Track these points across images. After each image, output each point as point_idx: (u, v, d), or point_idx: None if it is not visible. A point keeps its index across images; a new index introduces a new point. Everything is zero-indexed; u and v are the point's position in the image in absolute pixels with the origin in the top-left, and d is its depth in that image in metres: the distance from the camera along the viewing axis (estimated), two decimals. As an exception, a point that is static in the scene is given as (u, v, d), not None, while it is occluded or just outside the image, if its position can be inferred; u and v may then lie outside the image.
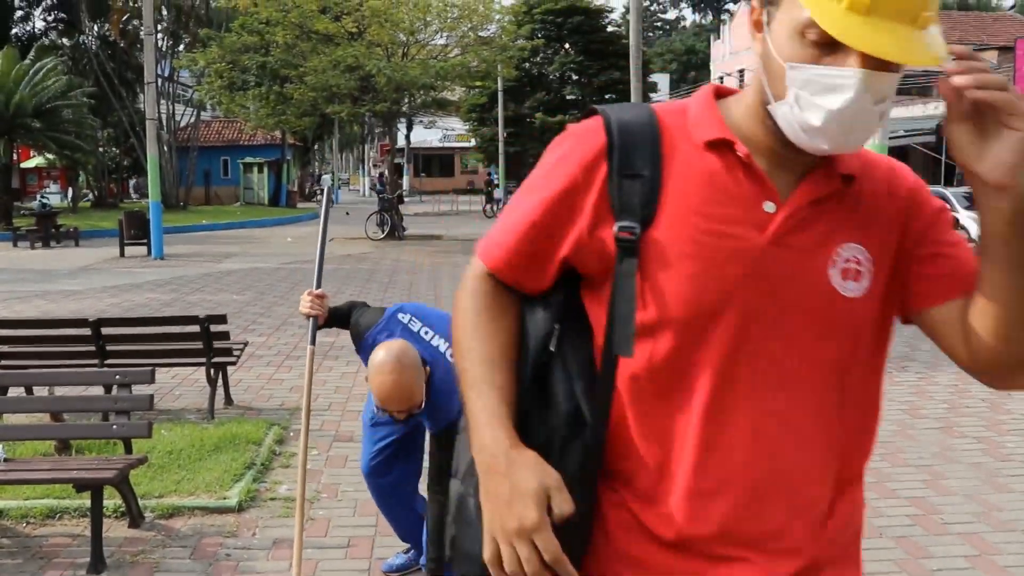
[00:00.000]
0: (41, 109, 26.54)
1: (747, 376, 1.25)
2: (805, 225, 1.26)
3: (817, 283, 1.26)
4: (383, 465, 3.59)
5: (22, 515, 4.48)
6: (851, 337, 1.29)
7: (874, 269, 1.28)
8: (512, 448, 1.24)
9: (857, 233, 1.28)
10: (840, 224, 1.28)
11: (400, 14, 22.97)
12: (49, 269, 16.45)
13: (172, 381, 7.36)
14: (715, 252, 1.24)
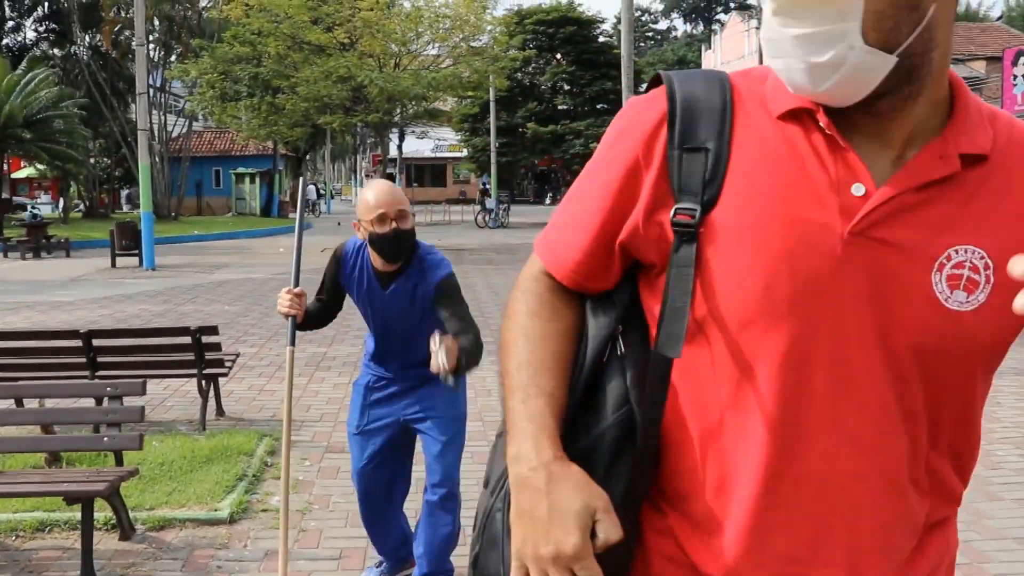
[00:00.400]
0: (32, 120, 26.53)
1: (821, 391, 1.05)
2: (905, 215, 1.03)
3: (916, 289, 1.03)
4: (375, 471, 3.57)
5: (12, 528, 4.45)
6: (954, 359, 1.06)
7: (996, 279, 1.03)
8: (555, 461, 1.07)
9: (978, 231, 1.04)
10: (956, 218, 1.04)
11: (392, 25, 23.06)
12: (40, 280, 16.39)
13: (163, 392, 7.34)
14: (788, 241, 1.04)
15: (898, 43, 0.99)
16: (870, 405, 1.05)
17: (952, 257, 1.03)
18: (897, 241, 1.03)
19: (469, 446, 5.69)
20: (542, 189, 58.08)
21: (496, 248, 22.46)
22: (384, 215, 3.13)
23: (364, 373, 3.58)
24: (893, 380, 1.05)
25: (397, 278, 3.30)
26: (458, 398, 3.49)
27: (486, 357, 3.22)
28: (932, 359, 1.05)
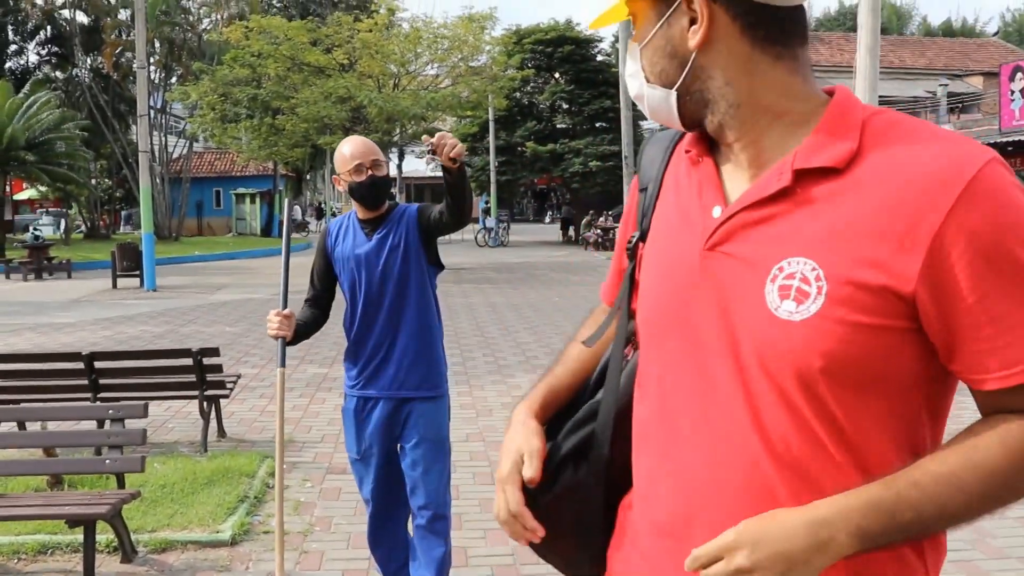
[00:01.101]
0: (34, 142, 26.65)
1: (689, 399, 1.19)
2: (748, 230, 1.13)
3: (752, 298, 1.11)
4: (386, 492, 3.54)
5: (14, 551, 4.45)
6: (793, 368, 1.08)
7: (828, 291, 1.06)
8: (523, 413, 1.43)
9: (814, 244, 1.08)
10: (793, 231, 1.10)
11: (391, 46, 23.18)
12: (42, 301, 16.41)
13: (165, 414, 7.34)
14: (666, 261, 1.24)
15: (672, 82, 1.20)
16: (728, 410, 1.14)
17: (784, 268, 1.09)
18: (740, 254, 1.14)
19: (471, 466, 5.69)
20: (542, 208, 58.23)
21: (496, 267, 22.49)
22: (360, 165, 3.33)
23: (348, 396, 3.56)
24: (746, 387, 1.12)
25: (380, 224, 3.42)
26: (441, 421, 3.50)
27: (486, 376, 3.26)
28: (774, 368, 1.10)
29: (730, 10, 1.13)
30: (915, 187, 1.05)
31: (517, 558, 4.39)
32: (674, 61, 1.18)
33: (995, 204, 1.03)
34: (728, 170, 1.21)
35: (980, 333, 1.04)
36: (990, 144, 10.91)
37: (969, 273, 1.03)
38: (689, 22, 1.15)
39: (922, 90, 36.31)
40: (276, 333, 3.35)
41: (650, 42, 1.21)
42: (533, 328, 11.94)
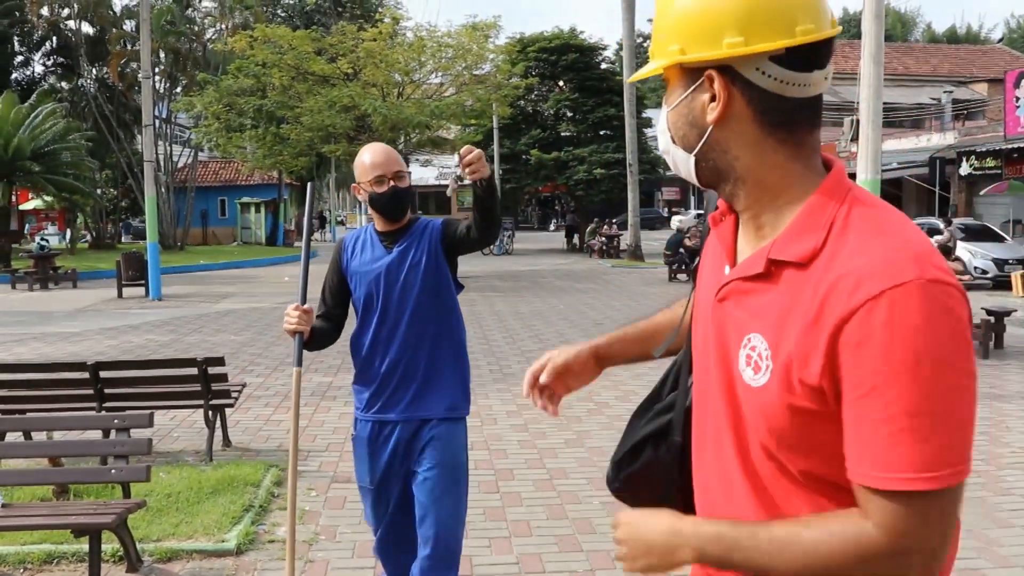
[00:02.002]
0: (40, 152, 26.73)
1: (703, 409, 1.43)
2: (737, 296, 1.32)
3: (729, 357, 1.31)
4: (399, 520, 3.31)
5: (19, 560, 4.46)
6: (751, 422, 1.28)
7: (773, 368, 1.22)
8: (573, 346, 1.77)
9: (772, 324, 1.23)
10: (762, 309, 1.27)
11: (395, 55, 23.23)
12: (47, 311, 16.45)
13: (170, 423, 7.36)
14: (699, 299, 1.47)
15: (692, 147, 1.33)
16: (719, 429, 1.36)
17: (751, 340, 1.27)
18: (732, 314, 1.32)
19: (476, 475, 5.66)
20: (546, 215, 58.22)
21: (500, 275, 22.50)
22: (382, 176, 3.17)
23: (360, 421, 3.32)
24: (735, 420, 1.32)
25: (401, 238, 3.24)
26: (459, 445, 3.26)
27: (491, 385, 3.23)
28: (746, 416, 1.29)
29: (745, 94, 1.26)
30: (842, 284, 1.15)
31: (522, 567, 4.39)
32: (694, 129, 1.32)
33: (891, 319, 1.11)
34: (742, 233, 1.38)
35: (852, 430, 1.16)
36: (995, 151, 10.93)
37: (855, 373, 1.13)
38: (710, 98, 1.28)
39: (927, 97, 36.31)
40: (295, 328, 3.14)
41: (676, 108, 1.34)
42: (538, 336, 11.95)
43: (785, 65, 1.24)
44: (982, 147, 25.89)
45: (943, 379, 1.11)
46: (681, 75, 1.31)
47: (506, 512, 5.18)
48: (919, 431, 1.10)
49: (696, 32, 1.27)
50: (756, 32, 1.23)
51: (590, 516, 5.12)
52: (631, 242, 28.18)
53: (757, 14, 1.23)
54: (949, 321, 1.12)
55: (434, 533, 3.15)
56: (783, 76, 1.24)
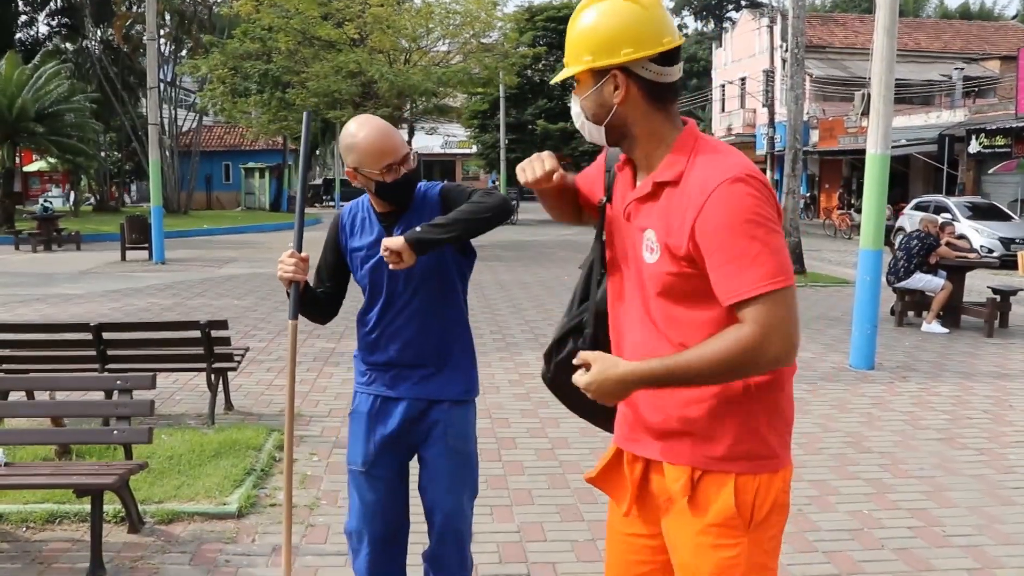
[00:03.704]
0: (44, 113, 26.60)
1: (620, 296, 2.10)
2: (637, 209, 2.00)
3: (637, 247, 1.99)
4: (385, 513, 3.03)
5: (22, 519, 4.47)
6: (649, 287, 1.97)
7: (662, 249, 1.91)
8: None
9: (659, 221, 1.92)
10: (652, 213, 1.95)
11: (402, 21, 23.02)
12: (51, 273, 16.45)
13: (173, 386, 7.36)
14: (615, 219, 2.11)
15: (601, 120, 2.00)
16: (632, 313, 2.06)
17: (646, 235, 1.96)
18: (634, 223, 2.01)
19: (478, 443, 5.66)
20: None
21: (504, 245, 22.44)
22: (392, 164, 2.77)
23: (361, 397, 3.05)
24: (644, 295, 2.01)
25: (401, 217, 2.89)
26: (469, 429, 3.02)
27: (494, 354, 3.14)
28: (648, 287, 1.98)
29: (636, 83, 1.94)
30: (694, 190, 1.87)
31: (523, 535, 4.39)
32: (603, 109, 1.98)
33: (723, 202, 1.82)
34: (639, 172, 2.05)
35: (716, 275, 1.83)
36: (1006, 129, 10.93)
37: (706, 242, 1.83)
38: (613, 88, 1.95)
39: (937, 73, 35.96)
40: (290, 276, 2.85)
41: (589, 96, 1.99)
42: (542, 306, 11.90)
43: (658, 63, 1.93)
44: (992, 125, 25.67)
45: (761, 226, 1.81)
46: (590, 75, 1.97)
47: (508, 481, 5.18)
48: (760, 257, 1.79)
49: (603, 46, 1.94)
50: (641, 44, 1.91)
51: (591, 486, 5.10)
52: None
53: (641, 33, 1.92)
54: (755, 195, 1.83)
55: (446, 522, 2.96)
56: (657, 70, 1.93)
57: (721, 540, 1.93)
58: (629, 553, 2.17)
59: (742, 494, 1.93)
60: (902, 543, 4.34)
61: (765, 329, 1.78)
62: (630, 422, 2.07)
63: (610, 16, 1.93)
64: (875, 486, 5.19)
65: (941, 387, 7.65)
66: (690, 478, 1.95)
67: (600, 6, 1.96)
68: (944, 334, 10.47)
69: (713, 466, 1.94)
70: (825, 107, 36.01)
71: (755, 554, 1.95)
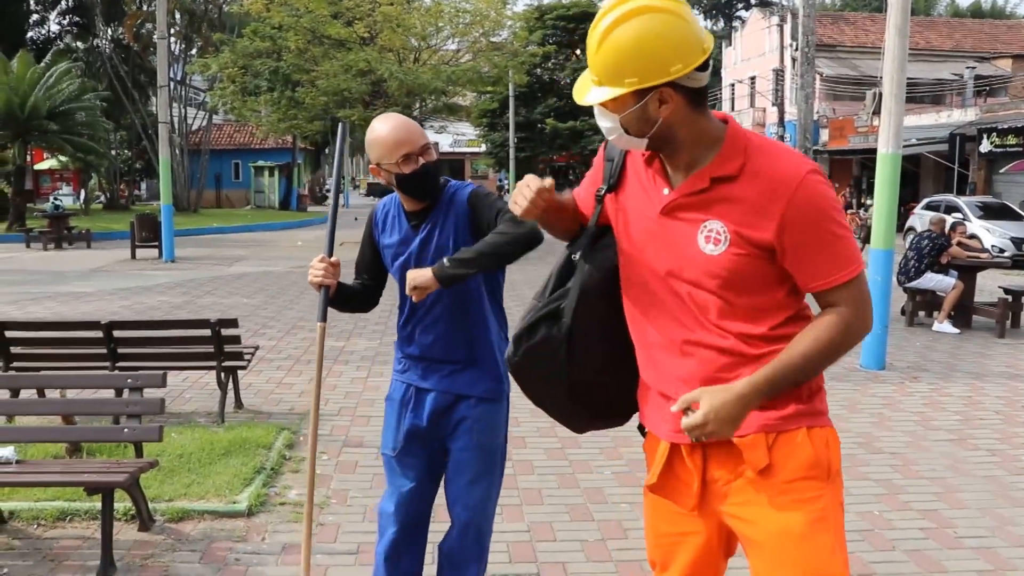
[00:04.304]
0: (55, 112, 26.67)
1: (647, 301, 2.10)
2: (684, 204, 2.00)
3: (688, 241, 1.99)
4: (414, 500, 3.08)
5: (33, 517, 4.48)
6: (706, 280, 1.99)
7: (730, 240, 1.95)
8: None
9: (722, 213, 1.95)
10: (710, 206, 1.97)
11: (412, 20, 23.00)
12: (61, 270, 16.51)
13: (183, 384, 7.37)
14: (635, 214, 2.11)
15: (644, 134, 1.99)
16: (673, 308, 2.05)
17: (707, 226, 1.97)
18: (681, 217, 2.01)
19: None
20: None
21: (514, 244, 22.38)
22: (409, 154, 2.82)
23: (396, 384, 3.12)
24: (686, 294, 2.02)
25: (428, 215, 2.93)
26: (498, 426, 3.05)
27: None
28: (702, 281, 1.99)
29: (681, 93, 1.93)
30: (772, 183, 1.93)
31: (533, 535, 4.39)
32: (649, 123, 1.97)
33: (811, 195, 1.92)
34: (671, 168, 2.05)
35: (805, 263, 1.94)
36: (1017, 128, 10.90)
37: (799, 232, 1.92)
38: (660, 103, 1.94)
39: (948, 72, 35.78)
40: (320, 281, 2.91)
41: (630, 113, 1.96)
42: (550, 306, 11.85)
43: (697, 70, 1.92)
44: (1004, 124, 25.54)
45: (841, 214, 1.97)
46: (632, 94, 1.93)
47: (518, 480, 5.17)
48: (847, 243, 1.95)
49: (651, 67, 1.90)
50: (688, 58, 1.90)
51: (601, 485, 5.11)
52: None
53: (687, 46, 1.90)
54: (830, 186, 1.98)
55: (467, 517, 3.00)
56: (699, 76, 1.94)
57: (806, 493, 1.97)
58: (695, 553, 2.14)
59: (817, 446, 2.00)
60: (914, 544, 4.32)
61: (860, 308, 1.95)
62: (676, 414, 2.00)
63: (654, 35, 1.88)
64: (886, 487, 5.17)
65: (952, 387, 7.62)
66: (765, 443, 1.99)
67: (637, 23, 1.89)
68: (955, 334, 10.42)
69: (785, 425, 1.99)
70: (835, 106, 35.88)
71: (836, 509, 2.01)
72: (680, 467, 2.10)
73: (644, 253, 2.07)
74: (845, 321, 1.94)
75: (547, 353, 2.18)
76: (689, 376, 2.03)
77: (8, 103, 25.22)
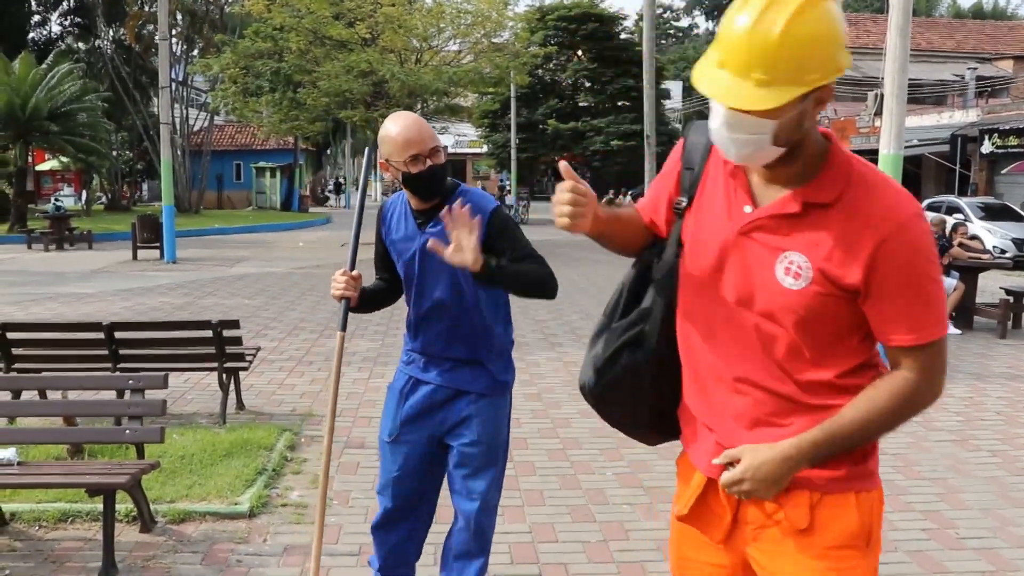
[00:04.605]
0: (56, 113, 26.68)
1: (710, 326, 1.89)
2: (768, 227, 1.79)
3: (766, 270, 1.78)
4: (405, 484, 3.17)
5: (35, 518, 4.49)
6: (781, 314, 1.78)
7: (813, 276, 1.74)
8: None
9: (808, 245, 1.74)
10: (796, 233, 1.76)
11: (414, 20, 23.03)
12: (62, 272, 16.51)
13: (184, 385, 7.38)
14: (711, 231, 1.88)
15: (789, 142, 1.72)
16: (742, 335, 1.83)
17: (788, 256, 1.76)
18: (761, 241, 1.79)
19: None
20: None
21: (515, 245, 22.39)
22: (417, 155, 2.88)
23: (399, 375, 3.22)
24: (755, 324, 1.81)
25: (434, 216, 2.98)
26: (500, 422, 3.12)
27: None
28: (776, 314, 1.78)
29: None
30: (870, 220, 1.71)
31: (535, 536, 4.39)
32: (800, 129, 1.72)
33: (910, 241, 1.70)
34: (755, 181, 1.83)
35: (886, 314, 1.74)
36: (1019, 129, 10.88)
37: (889, 279, 1.71)
38: (816, 102, 1.69)
39: (950, 73, 35.77)
40: (341, 293, 3.00)
41: (790, 118, 1.68)
42: (551, 306, 11.89)
43: None
44: (1005, 125, 25.52)
45: (938, 269, 1.76)
46: (799, 97, 1.66)
47: (519, 481, 5.17)
48: (938, 301, 1.75)
49: (828, 63, 1.66)
50: (845, 52, 1.68)
51: (603, 486, 5.10)
52: (647, 214, 28.01)
53: (843, 33, 1.68)
54: (931, 234, 1.77)
55: (469, 510, 3.06)
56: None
57: (842, 563, 1.81)
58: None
59: (863, 512, 1.83)
60: (916, 545, 4.32)
61: (932, 377, 1.76)
62: (718, 447, 1.88)
63: (837, 21, 1.67)
64: (888, 488, 5.12)
65: (954, 388, 7.61)
66: (809, 502, 1.82)
67: (824, 9, 1.65)
68: (957, 335, 10.41)
69: (835, 487, 1.81)
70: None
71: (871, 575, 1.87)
72: (714, 500, 1.95)
73: (713, 274, 1.85)
74: (912, 389, 1.75)
75: (631, 381, 2.02)
76: (739, 415, 1.86)
77: (10, 104, 25.23)
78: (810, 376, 1.79)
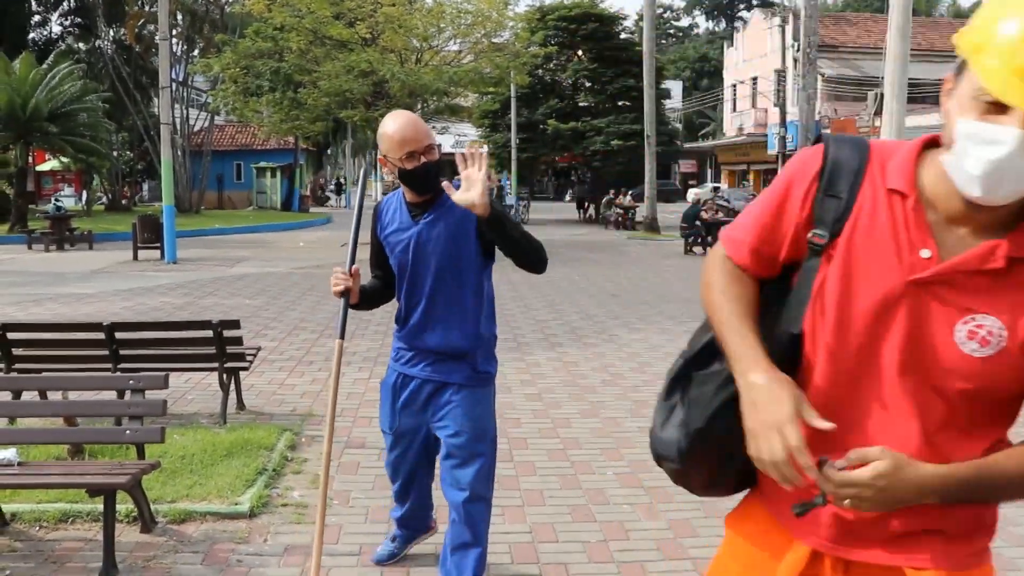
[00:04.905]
0: (57, 113, 26.69)
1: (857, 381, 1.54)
2: (953, 281, 1.46)
3: (942, 332, 1.47)
4: (409, 463, 3.54)
5: (35, 519, 4.49)
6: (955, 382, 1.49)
7: (1007, 346, 1.45)
8: (766, 371, 1.53)
9: (1003, 308, 1.45)
10: (992, 293, 1.45)
11: (414, 20, 23.03)
12: (63, 272, 16.52)
13: (185, 386, 7.38)
14: (867, 277, 1.51)
15: None
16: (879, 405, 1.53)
17: (976, 319, 1.45)
18: (941, 296, 1.46)
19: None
20: (562, 186, 57.97)
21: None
22: (413, 152, 3.08)
23: (389, 371, 3.46)
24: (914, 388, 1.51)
25: (429, 208, 3.19)
26: (482, 411, 3.30)
27: (505, 354, 3.22)
28: (946, 383, 1.49)
29: None
30: None
31: (535, 536, 4.39)
32: None
33: None
34: (933, 218, 1.49)
35: None
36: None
37: None
38: None
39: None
40: (342, 288, 3.19)
41: None
42: (552, 306, 11.87)
43: None
44: None
45: None
46: None
47: (519, 481, 5.17)
48: None
49: None
50: None
51: (603, 486, 5.10)
52: (647, 214, 28.05)
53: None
54: None
55: (456, 501, 3.23)
56: None
57: None
58: None
59: None
60: (916, 546, 4.31)
61: None
62: (839, 521, 1.59)
63: None
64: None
65: (954, 388, 7.61)
66: None
67: None
68: None
69: (973, 562, 1.60)
70: (837, 107, 35.90)
71: None
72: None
73: (867, 329, 1.52)
74: None
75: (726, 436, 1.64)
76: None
77: (10, 104, 25.25)
78: (956, 450, 1.52)
